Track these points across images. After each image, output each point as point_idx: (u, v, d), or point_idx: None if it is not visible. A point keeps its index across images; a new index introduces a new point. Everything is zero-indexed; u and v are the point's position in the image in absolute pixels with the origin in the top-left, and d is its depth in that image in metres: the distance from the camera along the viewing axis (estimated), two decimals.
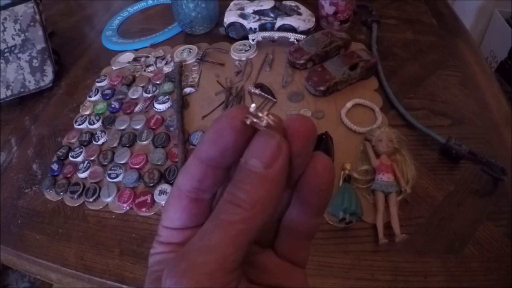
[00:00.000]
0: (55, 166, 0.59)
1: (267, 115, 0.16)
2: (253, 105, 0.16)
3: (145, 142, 0.59)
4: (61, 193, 0.56)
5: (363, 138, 0.52)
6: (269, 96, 0.62)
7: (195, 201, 0.18)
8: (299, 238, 0.19)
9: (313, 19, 0.73)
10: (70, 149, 0.61)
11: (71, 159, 0.60)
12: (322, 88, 0.59)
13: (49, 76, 0.74)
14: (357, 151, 0.52)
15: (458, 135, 0.52)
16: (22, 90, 0.73)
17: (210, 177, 0.17)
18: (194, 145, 0.57)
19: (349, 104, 0.58)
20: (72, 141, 0.63)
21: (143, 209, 0.51)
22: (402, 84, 0.63)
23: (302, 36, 0.68)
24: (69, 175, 0.58)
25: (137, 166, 0.56)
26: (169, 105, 0.64)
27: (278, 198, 0.16)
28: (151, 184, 0.53)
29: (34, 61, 0.73)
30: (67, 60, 0.82)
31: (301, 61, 0.65)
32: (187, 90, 0.67)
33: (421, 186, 0.49)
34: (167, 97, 0.65)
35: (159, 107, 0.64)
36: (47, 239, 0.52)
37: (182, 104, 0.63)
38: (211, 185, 0.18)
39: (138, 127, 0.62)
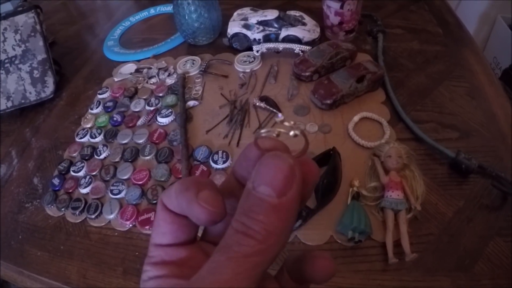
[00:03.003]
0: (56, 181, 0.58)
1: (294, 124, 0.15)
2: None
3: (148, 157, 0.58)
4: (63, 209, 0.55)
5: (371, 153, 0.51)
6: (274, 110, 0.60)
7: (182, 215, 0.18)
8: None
9: (318, 30, 0.71)
10: (71, 163, 0.60)
11: (72, 173, 0.59)
12: (328, 102, 0.58)
13: (50, 87, 0.73)
14: (365, 166, 0.51)
15: (466, 148, 0.52)
16: (23, 101, 0.72)
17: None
18: (198, 161, 0.56)
19: (356, 118, 0.57)
20: (74, 154, 0.62)
21: (147, 227, 0.50)
22: (410, 96, 0.62)
23: (307, 47, 0.67)
24: (70, 190, 0.57)
25: (140, 182, 0.55)
26: (172, 119, 0.63)
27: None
28: (155, 201, 0.52)
29: (35, 71, 0.72)
30: (68, 70, 0.81)
31: (307, 73, 0.64)
32: (191, 103, 0.65)
33: (431, 202, 0.48)
34: (170, 110, 0.64)
35: (162, 120, 0.63)
36: (48, 256, 0.51)
37: (185, 117, 0.62)
38: None
39: (140, 141, 0.61)
